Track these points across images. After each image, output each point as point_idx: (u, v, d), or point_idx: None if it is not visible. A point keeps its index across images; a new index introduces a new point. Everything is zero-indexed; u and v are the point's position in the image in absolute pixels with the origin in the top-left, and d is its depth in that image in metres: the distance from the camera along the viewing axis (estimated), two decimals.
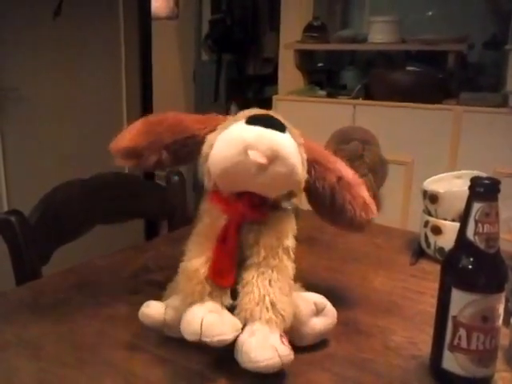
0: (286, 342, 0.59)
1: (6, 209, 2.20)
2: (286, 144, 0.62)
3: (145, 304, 0.66)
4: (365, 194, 0.71)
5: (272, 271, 0.62)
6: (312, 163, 0.68)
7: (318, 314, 0.66)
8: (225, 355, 0.60)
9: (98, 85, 2.57)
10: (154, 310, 0.66)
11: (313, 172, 0.69)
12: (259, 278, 0.62)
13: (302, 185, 0.65)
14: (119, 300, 0.80)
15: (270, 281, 0.62)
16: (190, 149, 0.69)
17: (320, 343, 0.67)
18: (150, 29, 2.82)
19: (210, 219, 0.65)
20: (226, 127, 0.64)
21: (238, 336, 0.59)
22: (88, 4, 2.43)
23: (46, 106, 2.38)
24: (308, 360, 0.62)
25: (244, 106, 0.69)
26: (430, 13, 2.52)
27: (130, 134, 0.70)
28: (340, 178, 0.70)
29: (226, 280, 0.62)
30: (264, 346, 0.57)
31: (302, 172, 0.64)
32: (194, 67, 3.59)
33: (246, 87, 3.49)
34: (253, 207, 0.63)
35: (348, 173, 0.71)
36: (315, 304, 0.66)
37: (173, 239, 1.11)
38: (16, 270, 0.97)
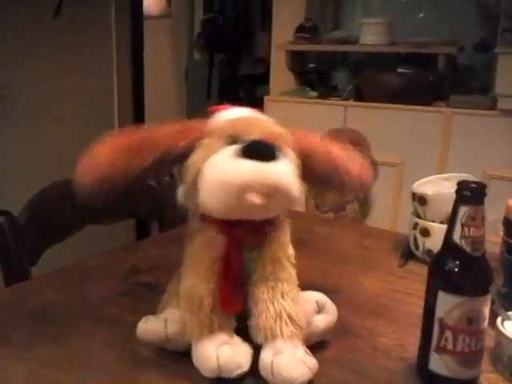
0: (308, 351, 0.59)
1: None
2: (285, 176, 0.57)
3: (143, 320, 0.63)
4: (357, 170, 0.70)
5: (282, 284, 0.62)
6: (305, 155, 0.65)
7: (319, 311, 0.67)
8: None
9: (89, 84, 2.56)
10: (154, 325, 0.62)
11: (308, 161, 0.66)
12: (270, 293, 0.61)
13: (297, 200, 0.61)
14: (108, 301, 0.80)
15: (282, 294, 0.61)
16: (168, 164, 0.63)
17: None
18: (141, 28, 2.81)
19: (204, 239, 0.62)
20: (208, 149, 0.59)
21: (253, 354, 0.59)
22: (83, 3, 2.42)
23: (37, 105, 2.37)
24: None
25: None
26: (421, 15, 2.53)
27: (99, 162, 0.61)
28: (335, 168, 0.68)
29: (236, 307, 0.61)
30: (294, 363, 0.57)
31: (298, 189, 0.59)
32: (186, 66, 3.58)
33: (238, 87, 3.49)
34: (253, 231, 0.61)
35: (341, 157, 0.69)
36: (317, 302, 0.67)
37: (163, 240, 1.11)
38: (5, 270, 0.96)
